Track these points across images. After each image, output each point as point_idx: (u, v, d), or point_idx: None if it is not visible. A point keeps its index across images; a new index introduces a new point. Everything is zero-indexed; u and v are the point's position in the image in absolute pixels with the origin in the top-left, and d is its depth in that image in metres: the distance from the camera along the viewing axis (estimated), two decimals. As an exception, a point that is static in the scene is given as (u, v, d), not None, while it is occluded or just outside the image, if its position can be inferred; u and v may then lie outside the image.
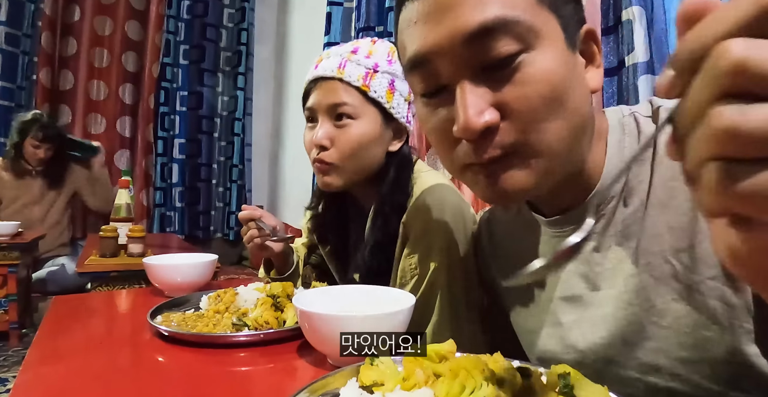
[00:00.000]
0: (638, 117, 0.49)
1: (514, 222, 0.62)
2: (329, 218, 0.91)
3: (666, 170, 0.45)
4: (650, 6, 1.08)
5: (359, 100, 0.77)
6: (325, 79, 0.78)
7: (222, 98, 3.81)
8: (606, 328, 0.48)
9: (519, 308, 0.60)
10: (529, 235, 0.58)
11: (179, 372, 0.57)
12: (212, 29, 3.75)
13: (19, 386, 0.51)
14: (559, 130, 0.42)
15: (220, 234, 3.78)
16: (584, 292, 0.50)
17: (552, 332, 0.54)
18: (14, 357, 2.08)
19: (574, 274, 0.51)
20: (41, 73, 3.04)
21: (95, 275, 1.63)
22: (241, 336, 0.63)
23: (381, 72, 0.79)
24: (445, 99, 0.44)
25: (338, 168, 0.78)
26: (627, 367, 0.47)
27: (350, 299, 0.63)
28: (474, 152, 0.42)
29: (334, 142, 0.77)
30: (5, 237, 2.10)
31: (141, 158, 3.40)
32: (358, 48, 0.80)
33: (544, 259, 0.30)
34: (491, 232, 0.68)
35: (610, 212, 0.48)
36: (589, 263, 0.50)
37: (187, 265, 0.91)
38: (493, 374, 0.37)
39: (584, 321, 0.50)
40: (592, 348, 0.49)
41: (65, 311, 0.84)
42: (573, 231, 0.49)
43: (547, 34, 0.41)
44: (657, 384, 0.45)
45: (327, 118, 0.78)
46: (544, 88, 0.40)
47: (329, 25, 2.38)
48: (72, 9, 3.21)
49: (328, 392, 0.43)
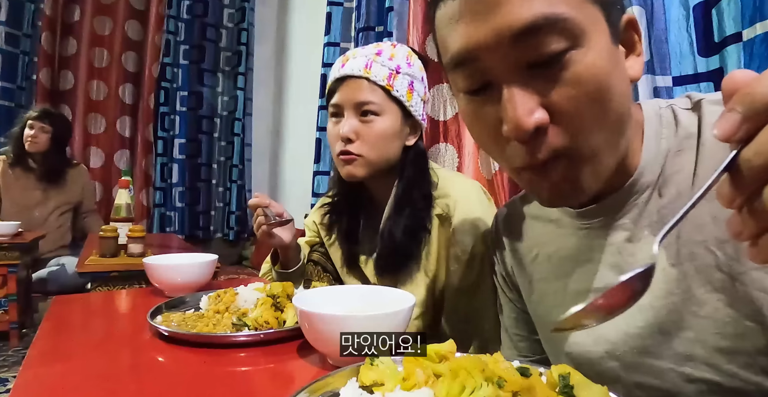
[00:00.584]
0: (676, 109, 0.50)
1: (535, 216, 0.62)
2: (344, 205, 0.95)
3: (711, 161, 0.45)
4: (650, 6, 1.08)
5: (383, 98, 0.84)
6: (353, 78, 0.84)
7: (222, 98, 3.81)
8: (642, 318, 0.47)
9: (543, 301, 0.59)
10: (553, 228, 0.58)
11: (179, 372, 0.57)
12: (212, 29, 3.75)
13: (19, 386, 0.51)
14: (604, 129, 0.42)
15: (220, 234, 3.78)
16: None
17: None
18: (14, 357, 2.08)
19: (605, 265, 0.51)
20: (41, 73, 3.04)
21: (95, 275, 1.63)
22: (241, 336, 0.63)
23: (402, 74, 0.85)
24: (490, 96, 0.43)
25: (363, 159, 0.84)
26: (661, 357, 0.46)
27: (350, 299, 0.63)
28: (527, 154, 0.42)
29: (359, 135, 0.83)
30: (5, 237, 2.11)
31: (141, 158, 3.40)
32: (382, 51, 0.87)
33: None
34: (510, 227, 0.67)
35: (643, 203, 0.48)
36: (622, 253, 0.49)
37: (187, 265, 0.91)
38: (493, 374, 0.37)
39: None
40: (625, 339, 0.49)
41: (65, 311, 0.84)
42: (602, 223, 0.50)
43: (593, 30, 0.41)
44: (692, 374, 0.45)
45: (353, 113, 0.84)
46: (592, 87, 0.40)
47: (329, 25, 2.38)
48: (72, 9, 3.21)
49: (328, 392, 0.43)
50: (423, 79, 0.90)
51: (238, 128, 3.75)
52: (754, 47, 0.87)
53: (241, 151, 3.76)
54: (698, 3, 0.99)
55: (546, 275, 0.59)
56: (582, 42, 0.40)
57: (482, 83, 0.44)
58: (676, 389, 0.46)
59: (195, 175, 3.71)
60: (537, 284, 0.60)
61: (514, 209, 0.67)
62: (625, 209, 0.49)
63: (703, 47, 0.99)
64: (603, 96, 0.41)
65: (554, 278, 0.57)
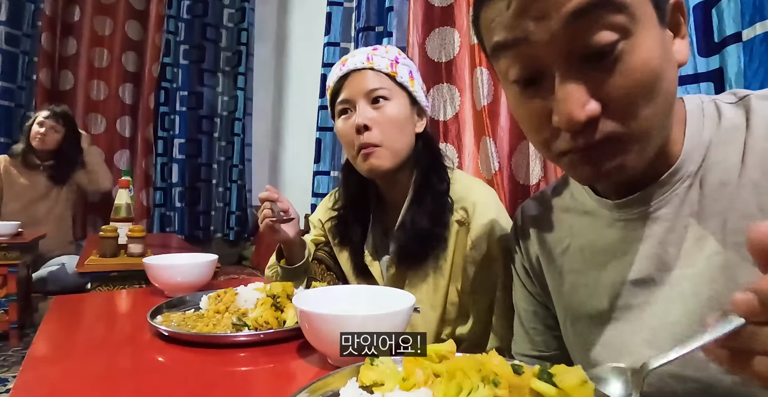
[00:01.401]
0: (719, 103, 0.50)
1: (567, 209, 0.62)
2: (352, 217, 0.94)
3: (761, 153, 0.45)
4: (650, 6, 1.08)
5: (390, 84, 0.86)
6: (357, 71, 0.86)
7: (222, 98, 3.81)
8: (683, 306, 0.47)
9: (576, 292, 0.59)
10: (587, 220, 0.57)
11: (179, 372, 0.57)
12: (212, 29, 3.75)
13: (19, 386, 0.51)
14: (655, 114, 0.43)
15: (220, 234, 3.78)
16: (656, 273, 0.50)
17: (619, 314, 0.53)
18: (14, 357, 2.08)
19: (644, 256, 0.51)
20: (41, 73, 3.04)
21: (95, 275, 1.63)
22: (241, 336, 0.63)
23: (401, 63, 0.89)
24: (541, 88, 0.44)
25: (383, 149, 0.84)
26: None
27: (350, 299, 0.63)
28: (574, 140, 0.43)
29: (375, 122, 0.84)
30: (5, 237, 2.10)
31: (141, 158, 3.40)
32: (377, 48, 0.90)
33: None
34: (538, 222, 0.67)
35: (683, 193, 0.48)
36: (662, 244, 0.49)
37: (187, 265, 0.91)
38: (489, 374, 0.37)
39: (657, 301, 0.50)
40: (665, 326, 0.49)
41: (65, 311, 0.84)
42: (641, 214, 0.50)
43: (643, 16, 0.41)
44: None
45: (365, 102, 0.85)
46: (644, 77, 0.40)
47: (329, 25, 2.38)
48: (72, 9, 3.21)
49: (328, 392, 0.43)
50: (418, 72, 0.93)
51: (238, 128, 3.75)
52: (754, 47, 0.87)
53: (241, 151, 3.75)
54: (698, 3, 0.99)
55: (579, 266, 0.58)
56: (633, 31, 0.40)
57: (533, 72, 0.43)
58: (712, 380, 0.45)
59: (195, 175, 3.71)
60: (568, 276, 0.60)
61: (544, 201, 0.67)
62: (665, 199, 0.49)
63: (703, 47, 0.99)
64: (654, 83, 0.41)
65: (588, 269, 0.57)
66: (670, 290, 0.49)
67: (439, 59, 1.75)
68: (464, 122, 1.71)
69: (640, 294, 0.51)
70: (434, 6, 1.78)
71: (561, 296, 0.62)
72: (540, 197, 0.69)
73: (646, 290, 0.51)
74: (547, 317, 0.66)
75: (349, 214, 0.94)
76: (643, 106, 0.42)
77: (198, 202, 3.73)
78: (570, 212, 0.61)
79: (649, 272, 0.51)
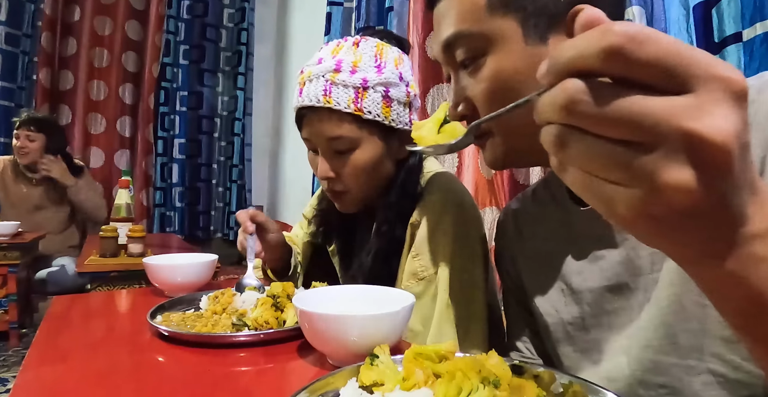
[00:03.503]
0: None
1: (546, 213, 0.62)
2: (336, 220, 0.91)
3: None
4: (650, 6, 1.08)
5: (355, 128, 0.73)
6: (314, 110, 0.73)
7: (222, 98, 3.81)
8: (649, 311, 0.48)
9: (551, 299, 0.59)
10: (564, 225, 0.57)
11: (179, 372, 0.57)
12: (212, 29, 3.75)
13: (19, 386, 0.51)
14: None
15: (220, 234, 3.78)
16: (629, 278, 0.50)
17: (596, 321, 0.53)
18: (14, 357, 2.08)
19: (618, 261, 0.51)
20: (41, 73, 3.04)
21: (95, 275, 1.63)
22: (241, 336, 0.63)
23: (372, 87, 0.73)
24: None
25: (351, 195, 0.79)
26: (664, 351, 0.46)
27: (350, 299, 0.63)
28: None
29: (339, 173, 0.76)
30: (5, 237, 2.10)
31: (141, 158, 3.40)
32: (341, 62, 0.74)
33: None
34: (519, 225, 0.67)
35: None
36: (635, 248, 0.49)
37: (187, 265, 0.91)
38: (489, 375, 0.37)
39: (632, 306, 0.50)
40: (637, 333, 0.49)
41: (65, 311, 0.84)
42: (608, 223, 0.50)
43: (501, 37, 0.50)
44: (696, 366, 0.45)
45: (326, 150, 0.76)
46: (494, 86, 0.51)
47: (329, 25, 2.38)
48: (72, 9, 3.21)
49: (328, 392, 0.43)
50: (402, 76, 0.77)
51: (238, 128, 3.75)
52: (754, 47, 0.87)
53: (241, 151, 3.75)
54: (698, 3, 0.99)
55: (557, 272, 0.58)
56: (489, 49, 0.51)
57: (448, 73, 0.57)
58: (680, 384, 0.46)
59: (195, 175, 3.71)
60: (548, 281, 0.60)
61: (525, 207, 0.67)
62: None
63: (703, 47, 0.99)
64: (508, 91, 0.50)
65: (566, 274, 0.57)
66: (643, 295, 0.49)
67: (439, 59, 1.75)
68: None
69: (614, 300, 0.51)
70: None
71: (540, 302, 0.61)
72: (520, 200, 0.69)
73: (621, 296, 0.51)
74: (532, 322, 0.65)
75: (337, 224, 0.91)
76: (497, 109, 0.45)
77: (198, 202, 3.73)
78: (550, 216, 0.61)
79: (622, 278, 0.51)
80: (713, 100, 0.20)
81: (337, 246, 0.93)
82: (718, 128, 0.20)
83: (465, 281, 0.73)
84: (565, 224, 0.58)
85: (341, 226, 0.91)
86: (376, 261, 0.79)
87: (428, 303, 0.74)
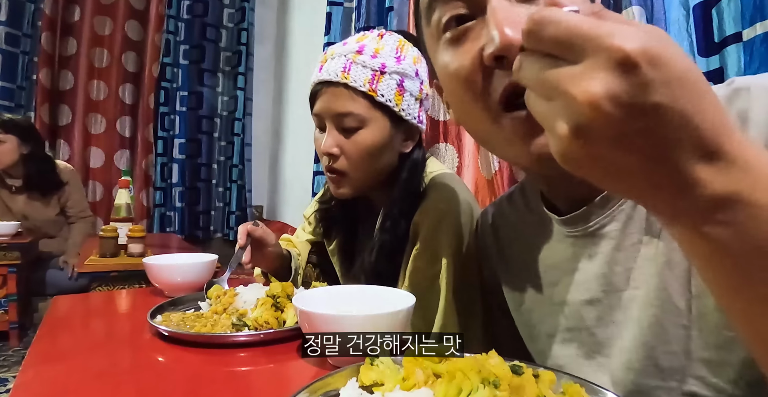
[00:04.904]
0: None
1: (522, 220, 0.60)
2: (339, 215, 0.90)
3: None
4: (650, 6, 1.08)
5: (366, 107, 0.75)
6: (331, 84, 0.76)
7: (222, 98, 3.81)
8: (630, 331, 0.45)
9: (531, 310, 0.57)
10: (540, 234, 0.55)
11: (179, 372, 0.57)
12: (212, 29, 3.75)
13: (19, 386, 0.51)
14: None
15: (220, 234, 3.78)
16: (603, 295, 0.48)
17: (573, 336, 0.51)
18: (14, 357, 2.08)
19: (592, 276, 0.48)
20: (41, 73, 3.04)
21: (95, 275, 1.63)
22: (241, 336, 0.63)
23: (389, 73, 0.75)
24: (473, 29, 0.43)
25: (349, 177, 0.77)
26: (646, 374, 0.44)
27: (350, 299, 0.63)
28: (509, 76, 0.39)
29: (343, 150, 0.76)
30: (5, 237, 2.10)
31: (141, 158, 3.40)
32: (364, 46, 0.77)
33: None
34: (496, 231, 0.65)
35: (630, 207, 0.45)
36: (609, 263, 0.47)
37: (187, 265, 0.91)
38: (489, 375, 0.37)
39: (608, 324, 0.48)
40: (617, 353, 0.47)
41: (65, 311, 0.84)
42: (589, 231, 0.48)
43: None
44: (678, 388, 0.43)
45: (334, 126, 0.76)
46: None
47: (329, 25, 2.38)
48: (72, 9, 3.21)
49: (328, 392, 0.43)
50: (418, 73, 0.79)
51: (238, 128, 3.75)
52: (754, 47, 0.87)
53: (241, 151, 3.75)
54: (698, 3, 0.99)
55: (535, 282, 0.56)
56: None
57: (466, 12, 0.43)
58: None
59: (195, 175, 3.71)
60: (526, 291, 0.58)
61: (502, 213, 0.65)
62: (610, 215, 0.46)
63: (703, 47, 0.99)
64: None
65: (544, 286, 0.55)
66: (621, 313, 0.46)
67: (439, 59, 1.75)
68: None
69: (591, 315, 0.49)
70: (434, 6, 1.78)
71: (520, 313, 0.60)
72: (497, 207, 0.67)
73: (597, 312, 0.48)
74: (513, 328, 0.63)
75: (340, 220, 0.90)
76: None
77: (198, 202, 3.73)
78: (527, 223, 0.59)
79: (597, 294, 0.48)
80: (593, 67, 0.23)
81: (338, 244, 0.93)
82: (587, 91, 0.23)
83: (466, 280, 0.74)
84: (541, 231, 0.55)
85: (343, 222, 0.91)
86: (380, 258, 0.79)
87: (431, 300, 0.74)
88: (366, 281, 0.80)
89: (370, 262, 0.80)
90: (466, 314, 0.74)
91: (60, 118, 3.19)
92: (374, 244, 0.81)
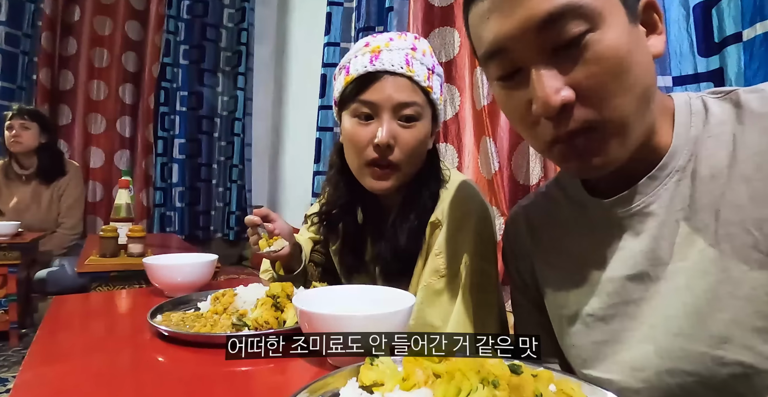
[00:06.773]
0: (706, 99, 0.51)
1: (562, 211, 0.62)
2: (343, 216, 0.89)
3: (751, 146, 0.46)
4: (650, 6, 1.08)
5: (424, 101, 0.76)
6: (393, 75, 0.74)
7: (222, 98, 3.81)
8: (679, 299, 0.48)
9: (571, 292, 0.59)
10: (583, 220, 0.58)
11: (179, 372, 0.57)
12: (212, 29, 3.75)
13: (19, 386, 0.51)
14: (628, 102, 0.45)
15: (220, 234, 3.78)
16: (650, 268, 0.50)
17: (616, 311, 0.53)
18: (14, 357, 2.08)
19: (638, 251, 0.51)
20: (41, 73, 3.04)
21: (95, 275, 1.63)
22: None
23: (436, 73, 0.79)
24: (519, 82, 0.48)
25: (401, 171, 0.76)
26: (696, 340, 0.46)
27: (350, 299, 0.63)
28: (555, 128, 0.46)
29: (398, 141, 0.74)
30: (5, 237, 2.10)
31: (141, 158, 3.40)
32: (415, 46, 0.78)
33: None
34: (533, 227, 0.66)
35: (673, 187, 0.49)
36: (656, 238, 0.50)
37: (187, 265, 0.91)
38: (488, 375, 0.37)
39: (653, 296, 0.50)
40: (663, 322, 0.49)
41: (65, 311, 0.84)
42: (634, 211, 0.51)
43: (610, 12, 0.44)
44: (725, 357, 0.45)
45: (391, 116, 0.74)
46: (612, 64, 0.44)
47: (329, 25, 2.38)
48: (72, 9, 3.21)
49: (328, 392, 0.43)
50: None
51: (238, 128, 3.75)
52: (754, 47, 0.87)
53: (241, 151, 3.75)
54: (698, 3, 0.99)
55: (574, 265, 0.58)
56: (599, 24, 0.43)
57: (513, 69, 0.48)
58: (708, 373, 0.46)
59: (195, 175, 3.71)
60: (563, 275, 0.60)
61: (535, 206, 0.67)
62: (655, 194, 0.50)
63: (703, 47, 0.99)
64: (624, 70, 0.44)
65: (584, 267, 0.57)
66: (666, 284, 0.49)
67: (439, 59, 1.75)
68: (464, 122, 1.72)
69: (636, 290, 0.52)
70: (434, 6, 1.78)
71: (556, 296, 0.61)
72: (533, 198, 0.69)
73: (642, 286, 0.51)
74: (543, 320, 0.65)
75: (345, 222, 0.89)
76: (614, 93, 0.44)
77: (198, 202, 3.73)
78: (564, 211, 0.61)
79: (643, 267, 0.51)
80: None
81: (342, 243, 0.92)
82: None
83: (483, 280, 0.76)
84: (581, 217, 0.58)
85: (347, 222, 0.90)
86: (395, 257, 0.80)
87: (448, 300, 0.76)
88: (381, 274, 0.82)
89: (384, 259, 0.81)
90: (482, 314, 0.75)
91: (60, 118, 3.19)
92: (388, 243, 0.81)
